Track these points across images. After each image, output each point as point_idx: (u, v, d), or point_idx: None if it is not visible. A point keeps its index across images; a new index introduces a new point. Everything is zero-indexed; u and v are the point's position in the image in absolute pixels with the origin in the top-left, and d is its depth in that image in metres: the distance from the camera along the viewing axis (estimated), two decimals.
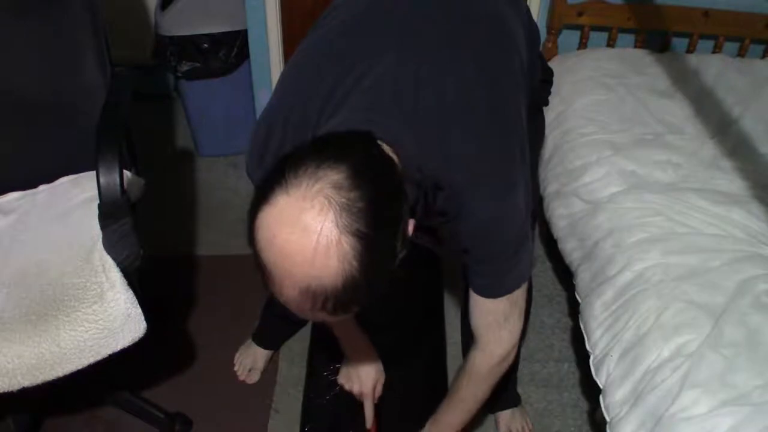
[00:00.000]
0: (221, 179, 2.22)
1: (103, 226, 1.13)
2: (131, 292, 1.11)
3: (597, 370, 1.30)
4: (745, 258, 1.31)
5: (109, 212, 1.11)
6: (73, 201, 1.30)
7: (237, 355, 1.63)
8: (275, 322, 1.54)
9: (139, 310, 1.11)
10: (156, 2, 2.09)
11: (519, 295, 0.94)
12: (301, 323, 1.62)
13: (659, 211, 1.42)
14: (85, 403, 1.50)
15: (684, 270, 1.28)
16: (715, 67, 1.92)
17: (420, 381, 1.54)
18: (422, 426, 1.20)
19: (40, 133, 1.39)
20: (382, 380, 1.29)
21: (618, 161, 1.57)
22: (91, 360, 1.09)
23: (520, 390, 1.61)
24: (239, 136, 2.26)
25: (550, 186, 1.70)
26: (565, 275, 1.82)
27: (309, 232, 0.64)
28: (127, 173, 1.28)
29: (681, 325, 1.18)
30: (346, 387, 1.29)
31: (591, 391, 1.56)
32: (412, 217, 0.76)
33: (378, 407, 1.30)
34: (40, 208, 1.33)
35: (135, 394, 1.47)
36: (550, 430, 1.54)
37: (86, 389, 1.45)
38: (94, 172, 1.09)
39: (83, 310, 1.07)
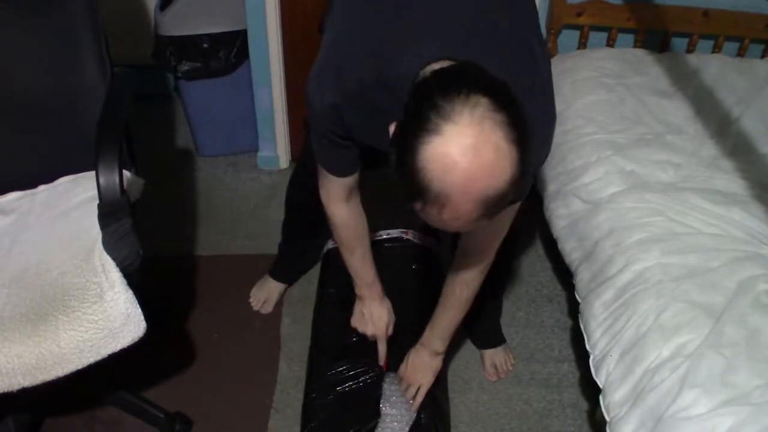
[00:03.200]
0: (221, 179, 2.22)
1: (103, 226, 1.13)
2: (131, 292, 1.11)
3: (597, 370, 1.30)
4: (745, 258, 1.31)
5: (109, 212, 1.11)
6: (73, 201, 1.30)
7: (253, 289, 1.79)
8: (292, 257, 1.73)
9: (139, 310, 1.11)
10: (156, 2, 2.08)
11: (509, 213, 1.07)
12: (316, 257, 1.77)
13: (659, 211, 1.42)
14: (85, 403, 1.50)
15: (684, 270, 1.28)
16: (715, 67, 1.92)
17: None
18: None
19: (40, 133, 1.39)
20: (392, 322, 1.39)
21: (618, 161, 1.57)
22: (91, 360, 1.09)
23: (519, 390, 1.62)
24: (239, 136, 2.27)
25: (550, 186, 1.70)
26: (565, 275, 1.82)
27: (487, 150, 0.73)
28: (127, 173, 1.28)
29: (681, 325, 1.18)
30: (360, 330, 1.40)
31: (591, 391, 1.56)
32: None
33: (389, 346, 1.40)
34: (40, 208, 1.33)
35: (135, 394, 1.47)
36: (550, 430, 1.54)
37: (86, 389, 1.45)
38: (94, 172, 1.10)
39: (83, 310, 1.07)
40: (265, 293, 1.77)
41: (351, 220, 1.21)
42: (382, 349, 1.41)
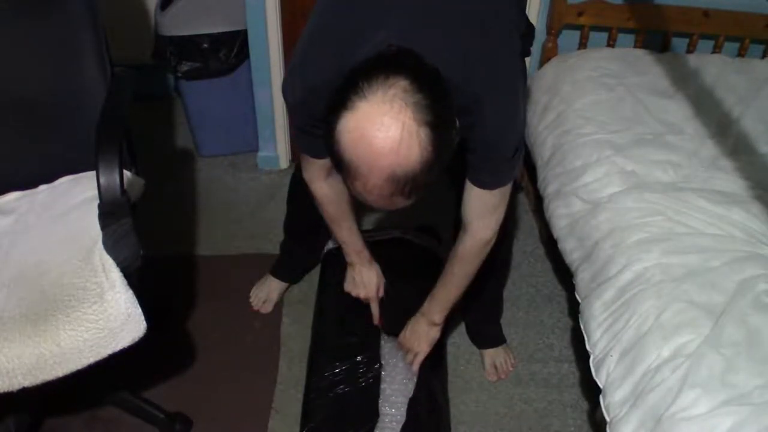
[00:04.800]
0: (221, 179, 2.22)
1: (103, 226, 1.13)
2: (131, 292, 1.11)
3: (597, 370, 1.30)
4: (745, 258, 1.31)
5: (109, 212, 1.11)
6: (73, 201, 1.30)
7: (253, 289, 1.80)
8: (294, 255, 1.77)
9: (139, 310, 1.11)
10: (156, 2, 2.09)
11: (507, 189, 1.13)
12: (317, 256, 1.79)
13: (659, 211, 1.42)
14: (85, 403, 1.50)
15: (684, 270, 1.28)
16: (715, 67, 1.92)
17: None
18: None
19: (40, 133, 1.39)
20: (382, 283, 1.47)
21: (618, 161, 1.57)
22: (91, 360, 1.09)
23: (520, 390, 1.62)
24: (239, 136, 2.27)
25: (550, 186, 1.70)
26: (565, 275, 1.82)
27: (393, 127, 0.79)
28: (127, 173, 1.28)
29: (681, 325, 1.18)
30: (353, 294, 1.46)
31: (591, 391, 1.56)
32: None
33: (381, 306, 1.48)
34: (40, 208, 1.33)
35: (135, 394, 1.47)
36: (550, 430, 1.54)
37: (86, 389, 1.45)
38: (94, 172, 1.09)
39: (83, 310, 1.07)
40: (266, 292, 1.78)
41: (334, 196, 1.28)
42: (374, 308, 1.48)
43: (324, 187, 1.27)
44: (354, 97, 0.81)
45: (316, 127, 1.05)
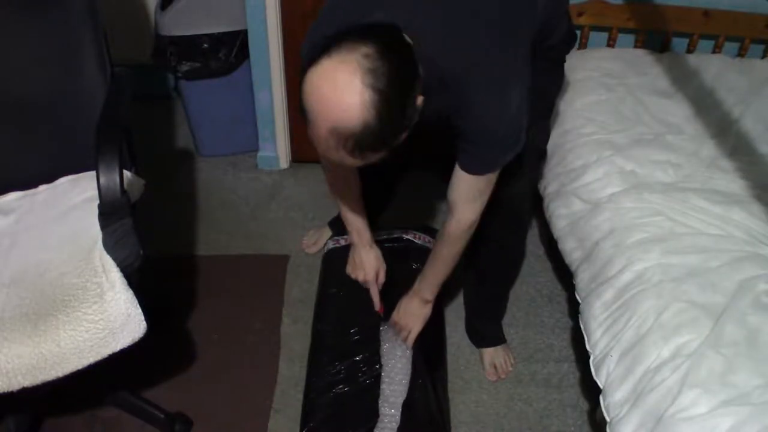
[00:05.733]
0: (221, 179, 2.22)
1: (103, 226, 1.13)
2: (131, 292, 1.11)
3: (597, 370, 1.30)
4: (745, 258, 1.31)
5: (109, 212, 1.11)
6: (73, 201, 1.30)
7: (310, 232, 1.98)
8: None
9: (139, 310, 1.11)
10: (156, 2, 2.09)
11: (493, 177, 1.17)
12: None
13: (659, 211, 1.42)
14: (85, 403, 1.50)
15: (684, 270, 1.28)
16: (715, 67, 1.92)
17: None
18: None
19: (40, 133, 1.39)
20: (383, 269, 1.49)
21: (618, 161, 1.57)
22: (91, 360, 1.09)
23: (520, 390, 1.62)
24: (239, 136, 2.27)
25: (550, 186, 1.70)
26: (565, 275, 1.82)
27: (340, 82, 0.87)
28: (127, 173, 1.28)
29: (681, 325, 1.18)
30: (353, 276, 1.50)
31: (591, 391, 1.56)
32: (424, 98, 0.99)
33: (382, 293, 1.50)
34: (40, 208, 1.33)
35: (135, 394, 1.47)
36: (550, 430, 1.54)
37: (86, 389, 1.45)
38: (94, 172, 1.10)
39: (83, 310, 1.07)
40: (317, 237, 1.95)
41: (342, 171, 1.35)
42: (374, 294, 1.50)
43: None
44: (323, 55, 0.89)
45: None
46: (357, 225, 1.44)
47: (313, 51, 0.97)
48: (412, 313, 1.45)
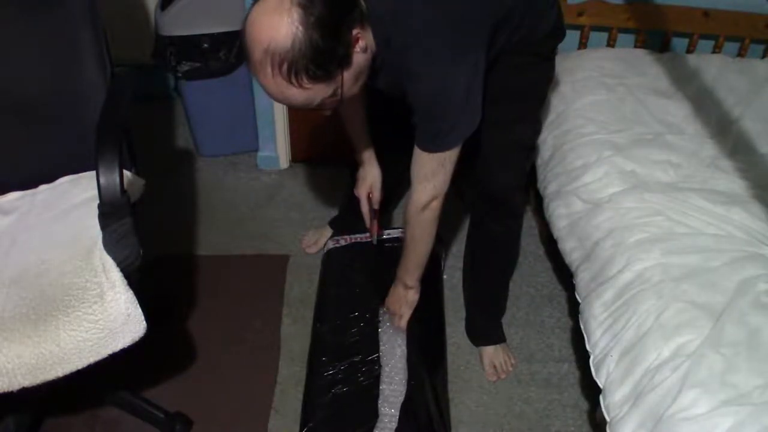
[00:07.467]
0: (221, 179, 2.22)
1: (103, 226, 1.13)
2: (131, 292, 1.11)
3: (597, 370, 1.30)
4: (745, 258, 1.31)
5: (109, 212, 1.11)
6: (73, 201, 1.30)
7: (310, 232, 1.99)
8: (349, 212, 1.80)
9: (139, 310, 1.11)
10: (156, 2, 2.08)
11: (447, 158, 1.18)
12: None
13: (659, 211, 1.42)
14: (85, 403, 1.50)
15: (684, 270, 1.28)
16: (715, 67, 1.92)
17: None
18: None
19: (40, 133, 1.39)
20: (377, 185, 1.56)
21: (618, 161, 1.57)
22: (91, 360, 1.09)
23: (520, 390, 1.62)
24: (239, 136, 2.27)
25: (550, 186, 1.70)
26: (565, 275, 1.82)
27: (271, 9, 0.94)
28: (127, 173, 1.28)
29: (681, 325, 1.18)
30: (356, 193, 1.58)
31: (591, 391, 1.56)
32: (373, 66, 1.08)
33: (377, 211, 1.57)
34: (40, 208, 1.33)
35: (135, 394, 1.47)
36: (550, 430, 1.54)
37: (86, 389, 1.45)
38: (94, 172, 1.09)
39: (83, 310, 1.07)
40: (317, 237, 1.96)
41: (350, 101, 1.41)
42: (363, 210, 1.58)
43: None
44: None
45: None
46: (360, 141, 1.51)
47: None
48: (399, 298, 1.49)
